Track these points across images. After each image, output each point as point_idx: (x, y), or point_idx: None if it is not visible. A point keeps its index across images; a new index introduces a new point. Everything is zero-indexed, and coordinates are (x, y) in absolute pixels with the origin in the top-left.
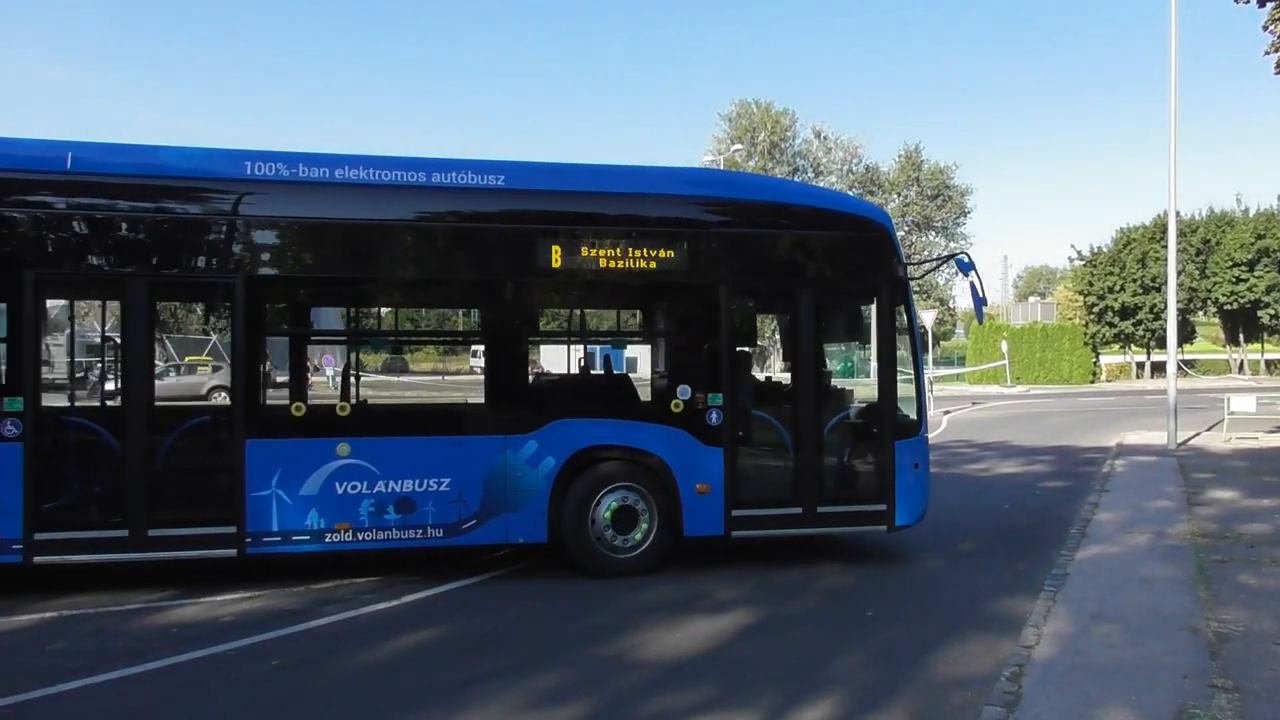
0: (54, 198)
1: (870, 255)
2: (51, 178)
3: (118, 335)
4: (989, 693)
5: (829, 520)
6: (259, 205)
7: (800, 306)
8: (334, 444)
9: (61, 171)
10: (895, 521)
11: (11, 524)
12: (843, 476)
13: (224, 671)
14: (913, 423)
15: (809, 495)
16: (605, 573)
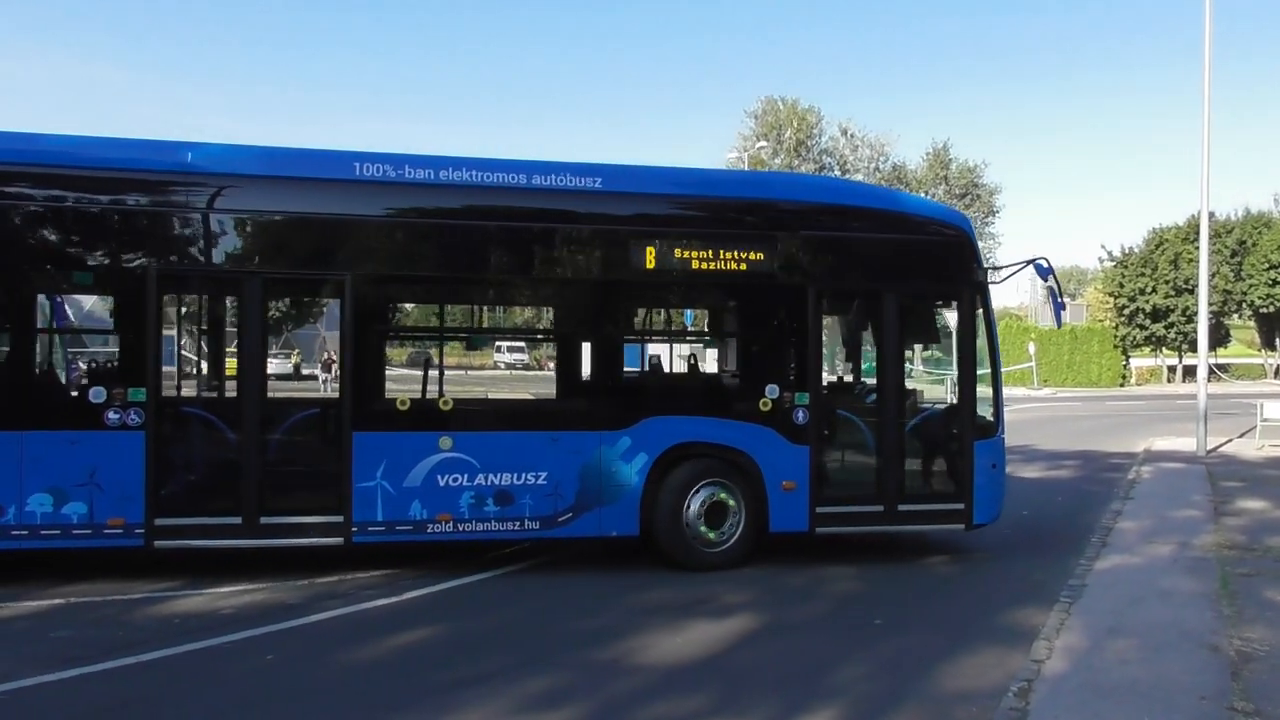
0: (174, 195)
1: (952, 259)
2: (172, 176)
3: (230, 329)
4: (994, 708)
5: (909, 518)
6: (367, 205)
7: (884, 308)
8: (437, 437)
9: (181, 170)
10: (973, 520)
11: (134, 509)
12: (923, 475)
13: (218, 665)
14: (990, 423)
15: (890, 493)
16: (696, 567)
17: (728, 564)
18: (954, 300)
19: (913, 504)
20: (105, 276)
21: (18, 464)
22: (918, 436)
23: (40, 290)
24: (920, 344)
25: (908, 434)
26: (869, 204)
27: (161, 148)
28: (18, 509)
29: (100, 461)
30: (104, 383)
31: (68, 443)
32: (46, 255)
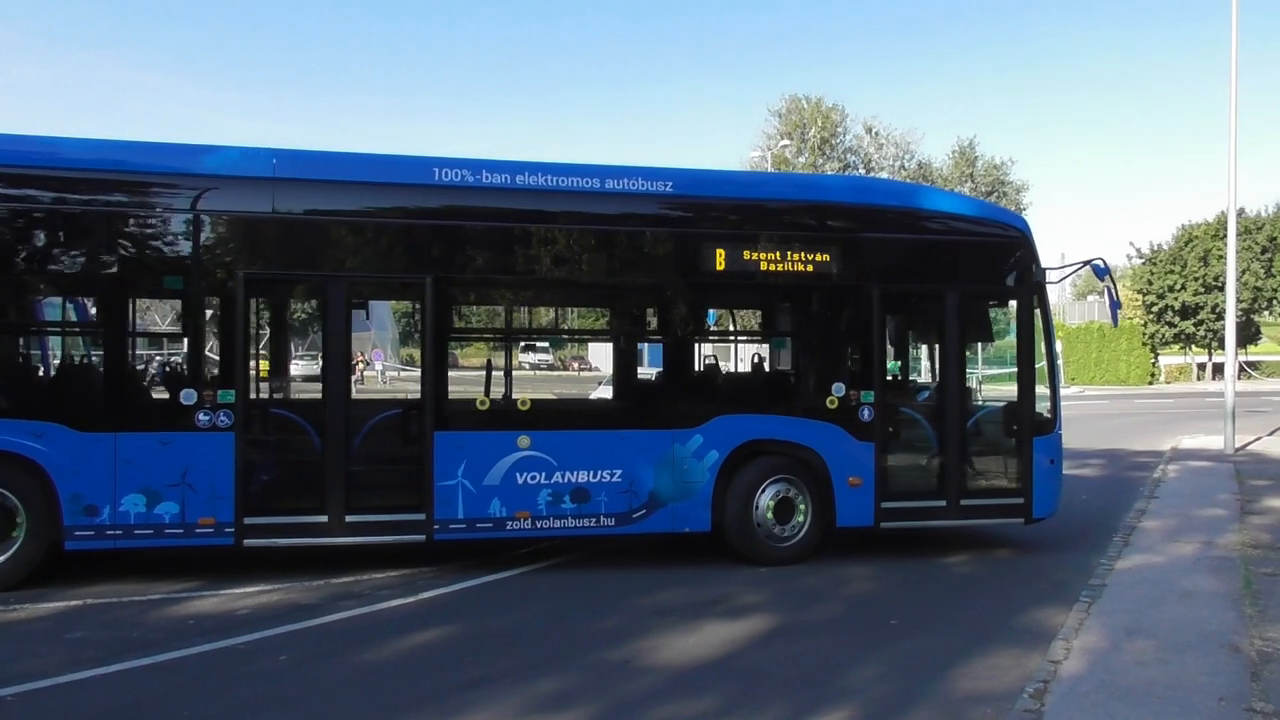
0: (261, 201)
1: (1011, 259)
2: (258, 182)
3: (311, 332)
4: (1009, 710)
5: (971, 512)
6: (446, 209)
7: (946, 308)
8: (515, 436)
9: (268, 177)
10: (1032, 514)
11: (224, 508)
12: (984, 471)
13: (232, 666)
14: (1048, 420)
15: (952, 488)
16: (766, 561)
17: (795, 559)
18: (1013, 300)
19: (974, 499)
20: (194, 281)
21: (111, 465)
22: (978, 433)
23: (131, 295)
24: (980, 342)
25: (968, 430)
26: (932, 206)
27: (248, 154)
28: (112, 509)
29: (191, 462)
30: (194, 385)
31: (160, 444)
32: (138, 261)
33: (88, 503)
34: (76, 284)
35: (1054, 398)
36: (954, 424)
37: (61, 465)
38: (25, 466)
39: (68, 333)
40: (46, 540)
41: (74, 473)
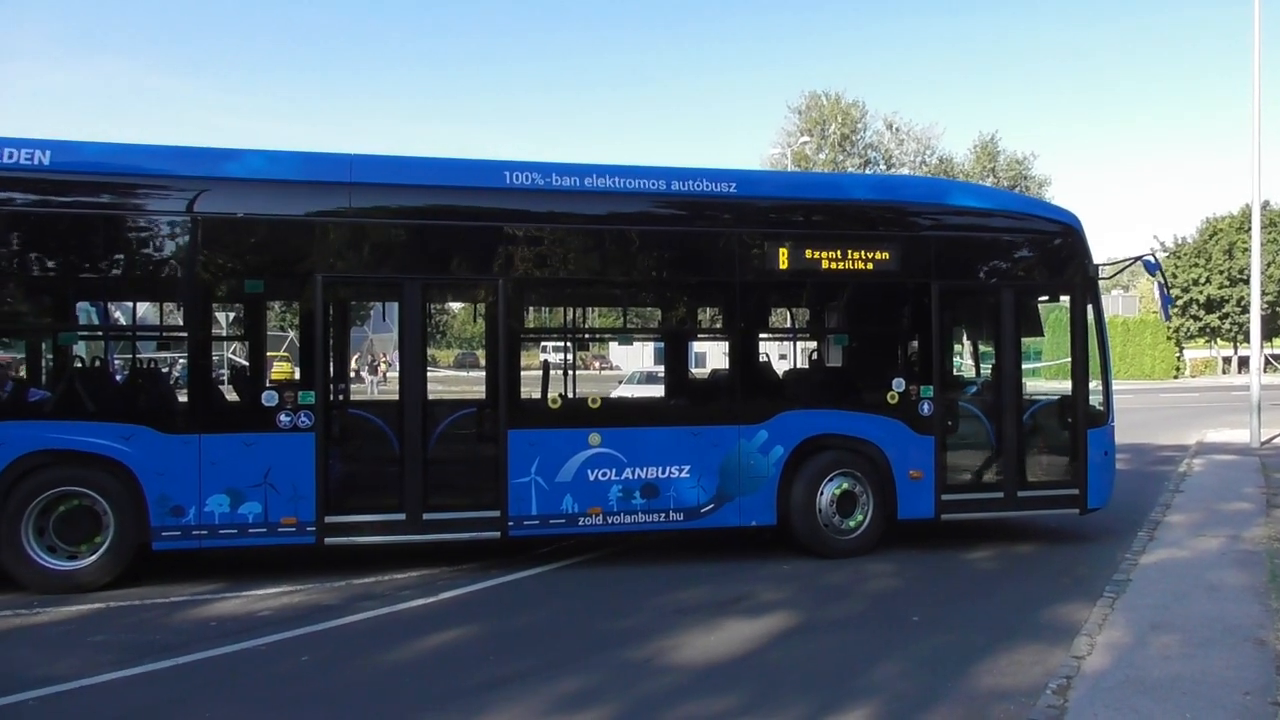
0: (339, 205)
1: (1064, 255)
2: (337, 187)
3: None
4: (1032, 706)
5: (1028, 503)
6: (518, 212)
7: (1001, 303)
8: (587, 434)
9: (345, 182)
10: (1087, 505)
11: (306, 508)
12: (1040, 462)
13: (254, 667)
14: (1101, 412)
15: (1010, 480)
16: (830, 554)
17: (858, 551)
18: (1067, 295)
19: (1031, 490)
20: (275, 285)
21: (196, 466)
22: (1034, 426)
23: (215, 300)
24: (1035, 337)
25: (1024, 423)
26: (988, 204)
27: (325, 160)
28: (197, 510)
29: (274, 462)
30: (275, 387)
31: (243, 445)
32: (220, 266)
33: (174, 504)
34: (161, 290)
35: (1106, 390)
36: (1011, 417)
37: (148, 467)
38: (113, 469)
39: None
40: (135, 541)
41: (160, 474)
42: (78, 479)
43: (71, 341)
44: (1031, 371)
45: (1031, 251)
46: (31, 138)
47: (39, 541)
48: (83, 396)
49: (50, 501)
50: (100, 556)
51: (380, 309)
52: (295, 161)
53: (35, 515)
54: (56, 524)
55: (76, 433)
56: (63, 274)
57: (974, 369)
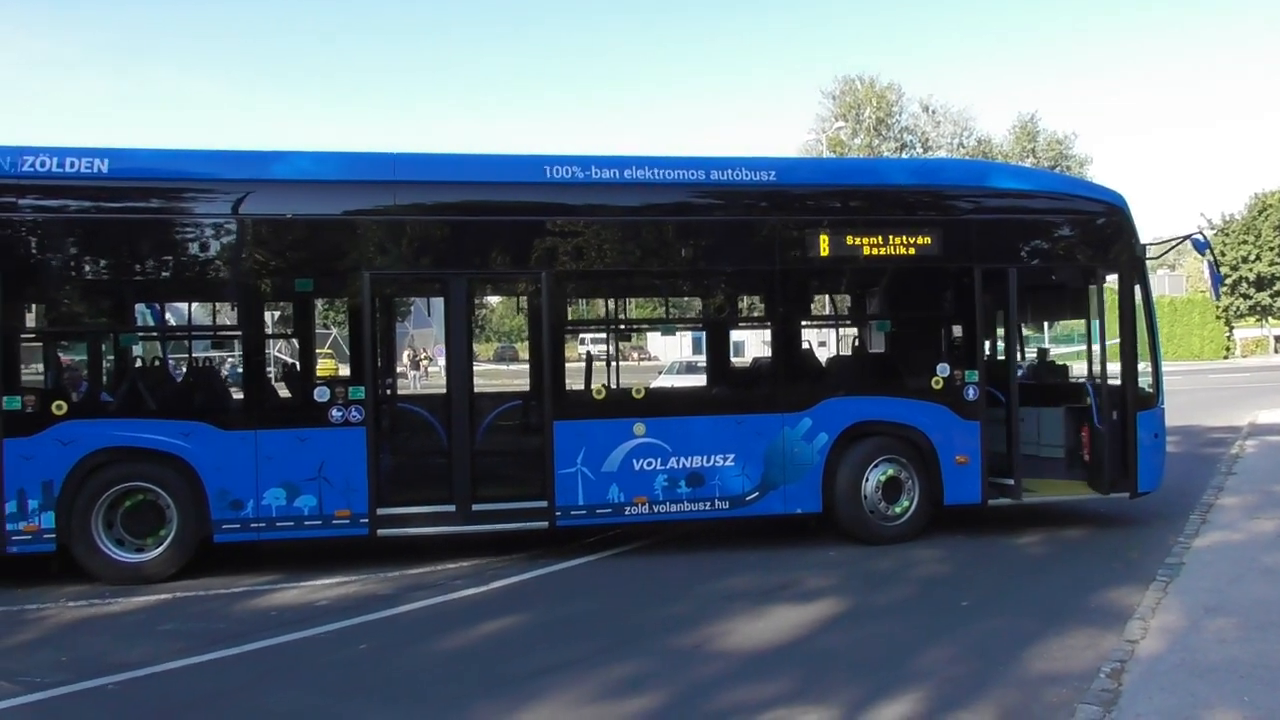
0: (384, 203)
1: (1110, 236)
2: (381, 186)
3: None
4: (1086, 690)
5: (1077, 488)
6: (559, 205)
7: (1047, 286)
8: (631, 424)
9: (389, 181)
10: (1138, 488)
11: (359, 500)
12: (1091, 447)
13: (315, 654)
14: (1150, 395)
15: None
16: (876, 540)
17: (904, 537)
18: (1114, 275)
19: (1080, 474)
20: (324, 283)
21: (253, 461)
22: (1081, 409)
23: (267, 299)
24: (1082, 319)
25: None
26: (1031, 186)
27: (369, 159)
28: (255, 503)
29: (327, 456)
30: (326, 382)
31: (297, 440)
32: (272, 265)
33: (233, 497)
34: (215, 290)
35: (1156, 373)
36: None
37: (208, 462)
38: (175, 465)
39: (208, 337)
40: (197, 534)
41: (220, 469)
42: (142, 475)
43: (132, 342)
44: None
45: (1077, 232)
46: (90, 147)
47: (108, 535)
48: (144, 395)
49: (117, 497)
50: (165, 549)
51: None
52: (340, 162)
53: (104, 510)
54: (124, 518)
55: (140, 430)
56: (122, 277)
57: (1020, 353)
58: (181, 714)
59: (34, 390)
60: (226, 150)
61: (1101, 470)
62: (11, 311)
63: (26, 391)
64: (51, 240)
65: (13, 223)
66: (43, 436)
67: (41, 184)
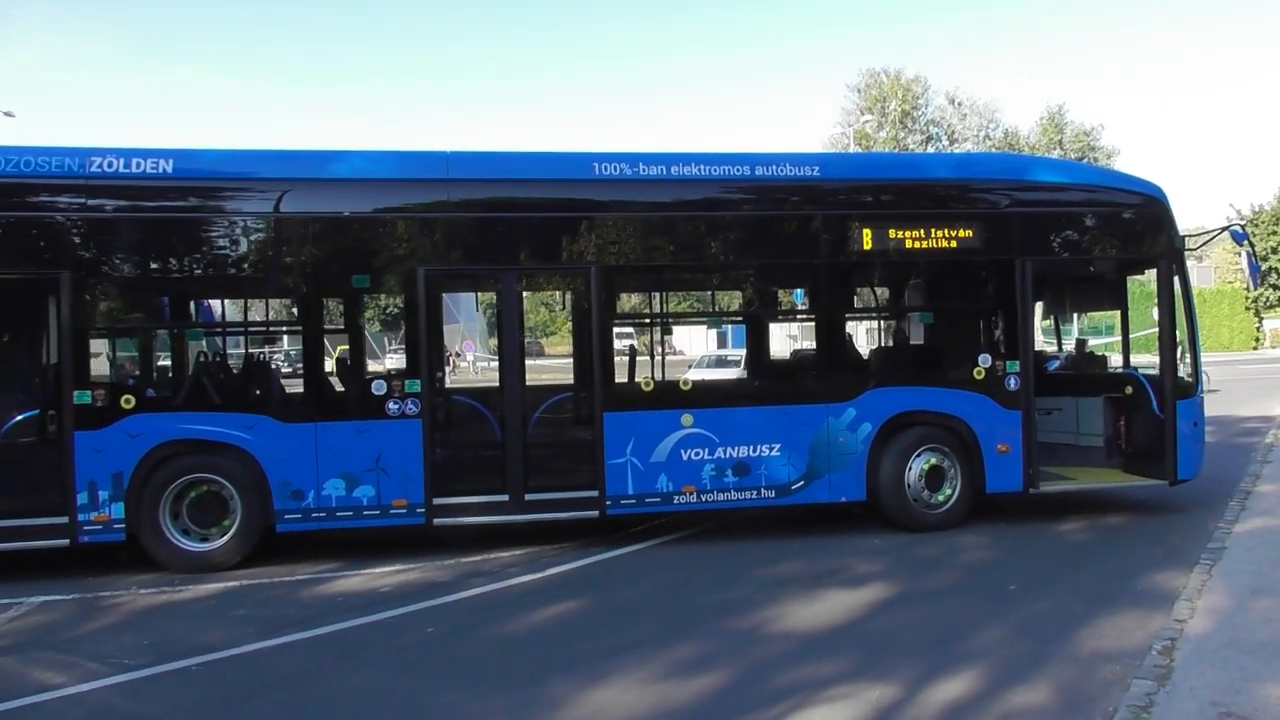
0: (437, 201)
1: (1150, 227)
2: (435, 184)
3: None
4: (1139, 666)
5: (1117, 475)
6: (607, 202)
7: (1087, 277)
8: (679, 415)
9: (442, 179)
10: (1177, 475)
11: (415, 490)
12: (1130, 434)
13: (386, 637)
14: (1190, 384)
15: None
16: (919, 528)
17: (947, 525)
18: (1152, 267)
19: (1118, 462)
20: (380, 279)
21: (314, 453)
22: (1120, 399)
23: (325, 295)
24: (1121, 310)
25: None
26: (1070, 179)
27: (423, 158)
28: (316, 493)
29: (384, 448)
30: (384, 376)
31: (355, 432)
32: (330, 262)
33: (295, 488)
34: (275, 287)
35: (1194, 362)
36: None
37: (270, 454)
38: (239, 456)
39: (269, 332)
40: (260, 524)
41: (281, 461)
42: (207, 466)
43: (196, 338)
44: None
45: (1116, 224)
46: (155, 148)
47: (174, 525)
48: (208, 389)
49: (184, 488)
50: (230, 539)
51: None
52: (395, 160)
53: (171, 500)
54: (190, 509)
55: (204, 423)
56: (186, 274)
57: (1060, 343)
58: (268, 693)
59: (103, 385)
60: (286, 150)
61: (1162, 457)
62: (81, 308)
63: (96, 386)
64: (118, 239)
65: (82, 222)
66: (112, 430)
67: (109, 184)
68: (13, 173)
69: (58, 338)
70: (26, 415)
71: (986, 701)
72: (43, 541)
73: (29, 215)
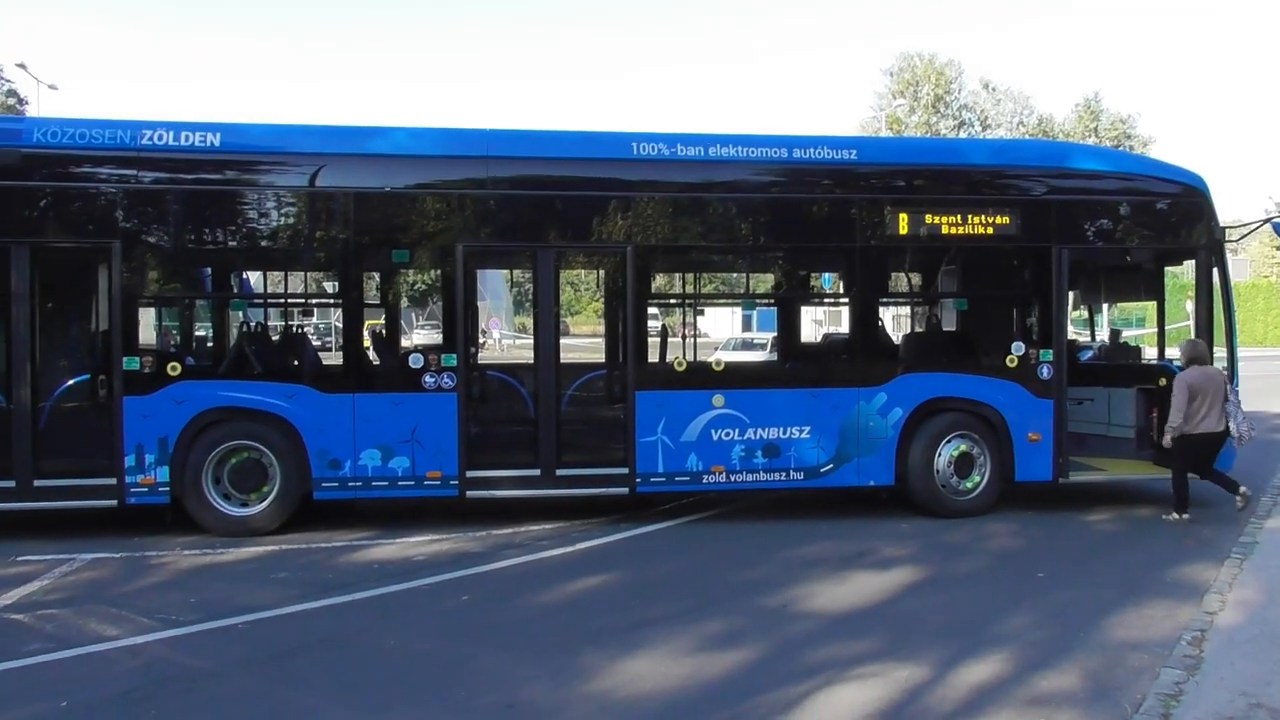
0: (478, 178)
1: (1190, 218)
2: (475, 160)
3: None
4: (1168, 656)
5: (1150, 467)
6: (644, 182)
7: (1123, 267)
8: (710, 395)
9: (482, 156)
10: None
11: (449, 463)
12: (1162, 426)
13: (422, 603)
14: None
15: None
16: (947, 514)
17: (975, 511)
18: (1191, 259)
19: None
20: (419, 254)
21: (351, 423)
22: (1153, 390)
23: (366, 269)
24: (1158, 301)
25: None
26: (1110, 167)
27: (463, 135)
28: (353, 463)
29: (420, 420)
30: (421, 350)
31: (392, 404)
32: (371, 237)
33: (332, 457)
34: (317, 260)
35: (1231, 354)
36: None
37: (309, 423)
38: (279, 425)
39: (310, 304)
40: (299, 491)
41: (320, 430)
42: (249, 433)
43: (240, 308)
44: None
45: (1155, 214)
46: (204, 121)
47: (216, 489)
48: (251, 359)
49: (225, 454)
50: (269, 504)
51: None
52: (436, 137)
53: (213, 465)
54: (231, 474)
55: (247, 391)
56: (232, 245)
57: (1093, 333)
58: (311, 652)
59: (151, 352)
60: (329, 125)
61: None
62: (131, 277)
63: (144, 353)
64: (167, 210)
65: (133, 193)
66: (159, 395)
67: (159, 157)
68: (68, 144)
69: (108, 305)
70: (78, 380)
71: (1014, 685)
72: (92, 501)
73: (83, 186)
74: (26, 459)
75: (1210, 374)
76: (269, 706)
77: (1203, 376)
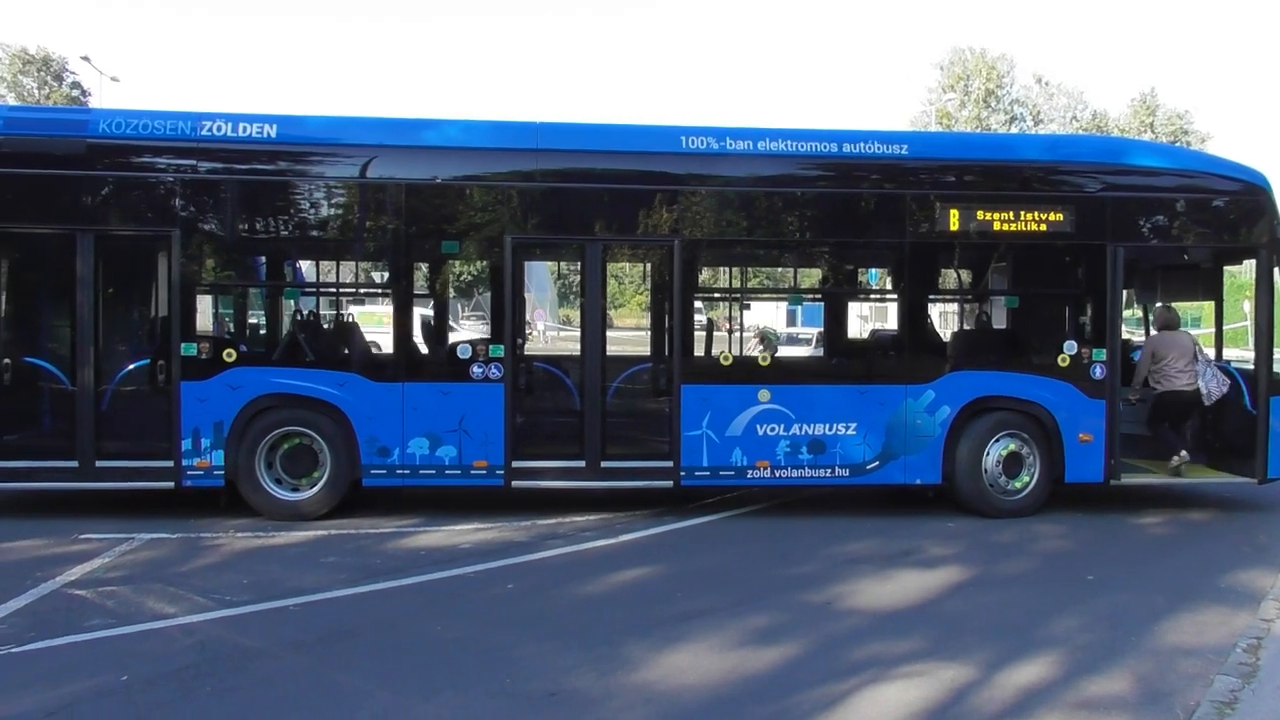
0: (526, 170)
1: (1250, 217)
2: (524, 153)
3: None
4: (1223, 663)
5: (1202, 471)
6: (693, 175)
7: (1181, 266)
8: (756, 390)
9: (531, 149)
10: (1267, 474)
11: (496, 453)
12: (1218, 429)
13: (468, 590)
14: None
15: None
16: (994, 514)
17: (1023, 512)
18: (1251, 258)
19: (1202, 458)
20: (469, 246)
21: (400, 412)
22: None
23: (416, 259)
24: (1215, 301)
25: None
26: (1168, 164)
27: (513, 128)
28: (401, 451)
29: (467, 410)
30: (469, 340)
31: (440, 393)
32: (421, 228)
33: (381, 445)
34: (369, 251)
35: None
36: None
37: (359, 411)
38: (330, 412)
39: (362, 295)
40: (348, 477)
41: (369, 418)
42: (300, 420)
43: (294, 297)
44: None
45: (1214, 212)
46: (261, 113)
47: (268, 474)
48: (304, 347)
49: (277, 439)
50: (320, 490)
51: None
52: (486, 130)
53: (266, 451)
54: (282, 459)
55: (300, 379)
56: (287, 235)
57: (1148, 332)
58: (360, 635)
59: (207, 338)
60: (382, 118)
61: (1252, 454)
62: (189, 265)
63: (201, 339)
64: (225, 200)
65: (192, 183)
66: (215, 381)
67: (218, 148)
68: (131, 135)
69: (167, 293)
70: (138, 365)
71: (1063, 688)
72: (151, 482)
73: (145, 175)
74: (89, 441)
75: (1179, 338)
76: (318, 687)
77: (1169, 339)
